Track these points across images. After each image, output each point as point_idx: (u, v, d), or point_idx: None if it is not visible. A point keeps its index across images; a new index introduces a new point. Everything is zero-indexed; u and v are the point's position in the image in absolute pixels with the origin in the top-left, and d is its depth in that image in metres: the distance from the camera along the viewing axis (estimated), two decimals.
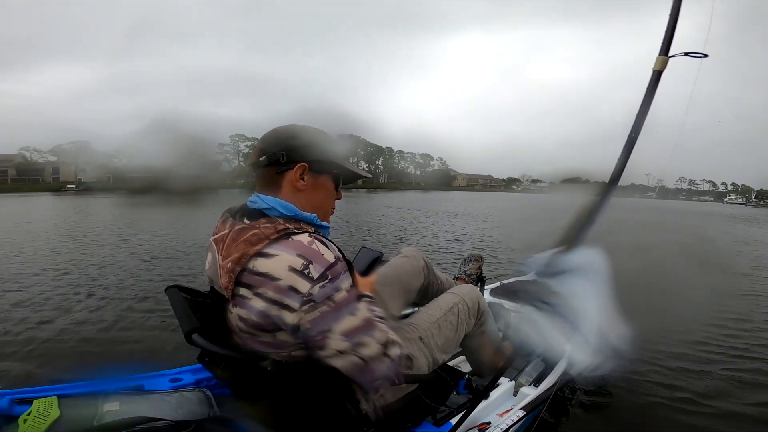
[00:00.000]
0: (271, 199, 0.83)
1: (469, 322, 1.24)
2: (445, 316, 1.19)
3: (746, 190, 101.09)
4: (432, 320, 1.17)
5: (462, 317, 1.21)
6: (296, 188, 0.85)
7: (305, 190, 0.86)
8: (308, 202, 0.87)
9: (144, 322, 2.80)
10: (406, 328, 1.16)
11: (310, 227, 0.83)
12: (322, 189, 0.90)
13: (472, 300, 1.26)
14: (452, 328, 1.19)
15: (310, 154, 0.86)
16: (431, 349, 1.12)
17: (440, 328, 1.16)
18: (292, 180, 0.85)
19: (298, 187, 0.86)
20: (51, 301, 3.22)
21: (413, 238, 7.38)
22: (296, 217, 0.82)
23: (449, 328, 1.18)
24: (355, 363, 0.76)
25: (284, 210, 0.82)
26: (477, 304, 1.27)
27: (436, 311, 1.20)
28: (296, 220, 0.82)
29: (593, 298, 1.20)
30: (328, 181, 0.91)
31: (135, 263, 4.70)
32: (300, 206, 0.85)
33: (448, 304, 1.22)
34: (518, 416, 1.25)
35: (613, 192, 0.93)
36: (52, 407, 0.88)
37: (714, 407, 1.87)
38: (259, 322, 0.76)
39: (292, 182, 0.85)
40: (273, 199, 0.83)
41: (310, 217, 0.84)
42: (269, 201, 0.83)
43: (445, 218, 11.88)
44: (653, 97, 0.82)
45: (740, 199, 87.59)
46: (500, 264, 5.08)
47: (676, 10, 0.79)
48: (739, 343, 2.63)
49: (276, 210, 0.82)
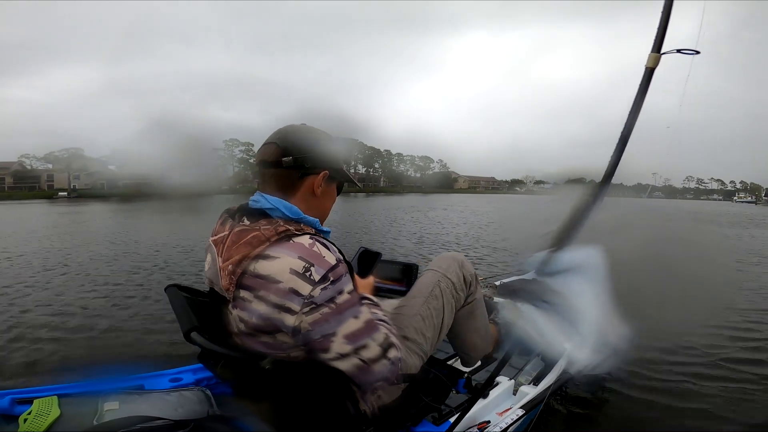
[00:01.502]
0: (275, 200, 0.82)
1: (457, 297, 1.14)
2: (427, 303, 1.10)
3: (755, 188, 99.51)
4: (413, 312, 1.08)
5: (447, 297, 1.12)
6: (313, 194, 0.86)
7: (320, 197, 0.87)
8: (318, 208, 0.88)
9: (144, 322, 2.80)
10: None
11: (311, 229, 0.82)
12: (331, 196, 0.92)
13: (454, 273, 1.15)
14: (437, 313, 1.10)
15: (331, 161, 0.87)
16: (419, 344, 1.06)
17: (423, 318, 1.08)
18: (312, 185, 0.85)
19: (315, 193, 0.86)
20: (51, 300, 3.23)
21: (404, 239, 7.39)
22: (299, 219, 0.82)
23: (434, 315, 1.09)
24: (357, 365, 0.77)
25: (288, 212, 0.81)
26: (462, 276, 1.16)
27: (417, 300, 1.11)
28: (297, 221, 0.81)
29: (593, 297, 1.20)
30: (335, 189, 0.93)
31: (135, 263, 4.71)
32: (309, 210, 0.84)
33: (428, 287, 1.12)
34: (517, 415, 1.25)
35: (606, 191, 0.93)
36: (52, 407, 0.88)
37: (714, 407, 1.86)
38: (259, 324, 0.76)
39: (311, 188, 0.85)
40: (277, 199, 0.82)
41: (312, 221, 0.84)
42: (273, 201, 0.82)
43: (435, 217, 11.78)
44: (646, 95, 0.83)
45: (750, 198, 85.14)
46: (500, 263, 5.09)
47: (668, 7, 0.80)
48: (741, 343, 2.63)
49: (279, 211, 0.81)
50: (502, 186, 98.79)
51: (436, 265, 1.18)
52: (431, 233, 8.34)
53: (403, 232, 8.37)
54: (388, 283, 1.32)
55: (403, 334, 1.05)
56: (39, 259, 5.07)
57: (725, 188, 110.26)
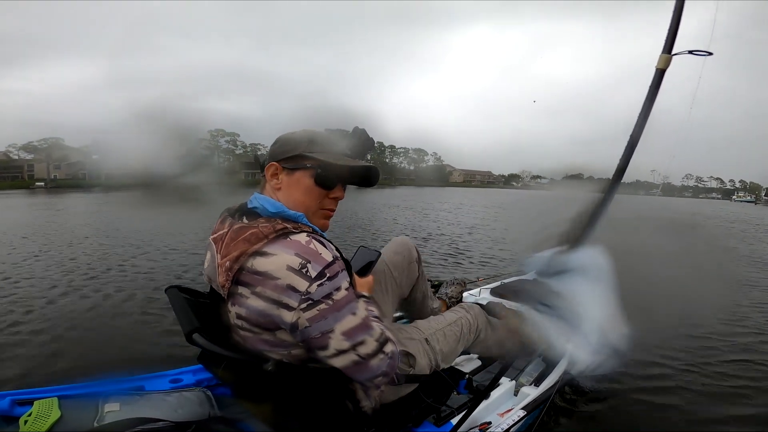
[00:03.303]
0: (262, 198, 0.85)
1: (468, 338, 1.28)
2: (451, 327, 1.23)
3: (755, 187, 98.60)
4: (438, 327, 1.21)
5: (465, 331, 1.26)
6: (273, 187, 0.86)
7: (283, 189, 0.85)
8: (287, 199, 0.85)
9: (144, 322, 2.80)
10: (410, 329, 1.17)
11: (308, 227, 0.82)
12: (299, 185, 0.85)
13: (477, 317, 1.31)
14: (455, 339, 1.22)
15: (280, 153, 0.86)
16: (435, 353, 1.14)
17: (446, 336, 1.20)
18: (268, 179, 0.87)
19: (273, 186, 0.86)
20: (49, 301, 3.22)
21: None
22: (281, 214, 0.82)
23: (453, 339, 1.21)
24: (354, 361, 0.77)
25: (271, 207, 0.82)
26: (477, 323, 1.31)
27: (442, 321, 1.24)
28: (284, 218, 0.81)
29: (594, 298, 1.20)
30: (304, 177, 0.85)
31: (133, 264, 4.70)
32: (288, 205, 0.84)
33: (454, 317, 1.27)
34: (519, 416, 1.25)
35: (616, 190, 0.92)
36: (52, 408, 0.89)
37: (715, 406, 1.86)
38: (258, 320, 0.77)
39: (269, 181, 0.87)
40: (263, 197, 0.85)
41: (294, 215, 0.83)
42: (261, 200, 0.84)
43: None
44: (656, 95, 0.82)
45: (749, 197, 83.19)
46: (500, 263, 5.08)
47: (680, 7, 0.79)
48: (742, 342, 2.63)
49: (264, 209, 0.82)
50: (497, 180, 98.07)
51: (466, 305, 1.36)
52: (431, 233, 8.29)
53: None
54: None
55: (425, 337, 1.15)
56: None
57: (724, 187, 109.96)
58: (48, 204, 14.91)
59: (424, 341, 1.13)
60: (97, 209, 10.63)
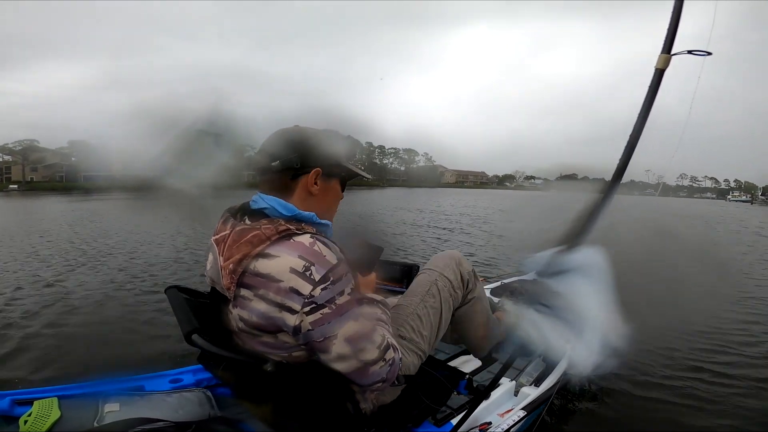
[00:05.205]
0: (271, 199, 0.83)
1: (455, 296, 1.14)
2: (423, 302, 1.10)
3: (750, 187, 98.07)
4: (409, 311, 1.08)
5: (444, 295, 1.12)
6: (310, 193, 0.85)
7: (318, 195, 0.86)
8: (319, 206, 0.86)
9: (144, 322, 2.79)
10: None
11: (312, 228, 0.82)
12: (331, 192, 0.90)
13: (452, 271, 1.15)
14: (434, 312, 1.10)
15: (323, 158, 0.86)
16: (416, 343, 1.06)
17: (420, 317, 1.08)
18: (306, 185, 0.85)
19: (312, 192, 0.85)
20: (49, 302, 3.22)
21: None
22: (296, 216, 0.82)
23: (431, 314, 1.09)
24: (355, 366, 0.77)
25: (284, 210, 0.81)
26: (459, 274, 1.16)
27: (413, 299, 1.10)
28: (297, 220, 0.81)
29: (594, 298, 1.20)
30: (337, 184, 0.91)
31: (132, 264, 4.70)
32: (311, 210, 0.84)
33: (425, 286, 1.12)
34: (519, 416, 1.25)
35: (615, 191, 0.92)
36: (52, 408, 0.88)
37: (716, 406, 1.86)
38: (260, 323, 0.76)
39: (306, 187, 0.85)
40: (273, 198, 0.83)
41: (308, 216, 0.83)
42: (269, 201, 0.83)
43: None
44: (656, 95, 0.82)
45: (744, 197, 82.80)
46: (500, 263, 5.08)
47: (679, 7, 0.79)
48: (743, 342, 2.62)
49: (275, 210, 0.81)
50: (490, 181, 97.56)
51: (433, 264, 1.17)
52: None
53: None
54: (387, 284, 1.31)
55: (400, 333, 1.05)
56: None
57: (719, 186, 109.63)
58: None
59: (400, 339, 1.04)
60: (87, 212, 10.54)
